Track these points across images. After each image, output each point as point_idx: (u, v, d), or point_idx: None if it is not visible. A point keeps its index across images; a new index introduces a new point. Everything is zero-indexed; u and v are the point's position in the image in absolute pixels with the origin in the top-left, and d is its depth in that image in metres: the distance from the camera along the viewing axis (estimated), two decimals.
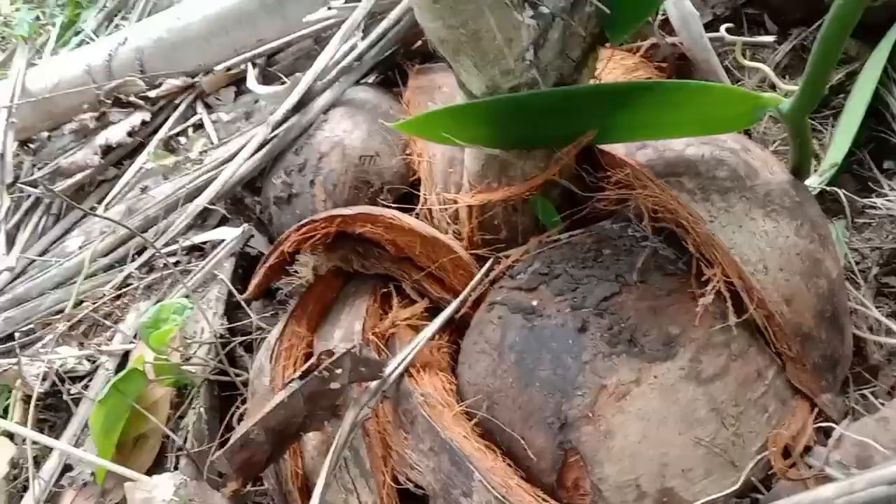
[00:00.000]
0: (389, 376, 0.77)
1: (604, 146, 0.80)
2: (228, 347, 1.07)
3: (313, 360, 0.72)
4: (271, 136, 1.22)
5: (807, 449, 0.68)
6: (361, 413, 0.72)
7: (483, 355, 0.78)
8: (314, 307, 0.97)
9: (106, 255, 1.33)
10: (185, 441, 0.98)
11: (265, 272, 0.96)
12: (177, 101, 1.68)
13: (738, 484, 0.66)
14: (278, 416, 0.70)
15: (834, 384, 0.73)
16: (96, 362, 1.16)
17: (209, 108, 1.64)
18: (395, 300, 0.92)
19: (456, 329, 0.89)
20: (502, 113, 0.75)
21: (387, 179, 1.10)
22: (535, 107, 0.74)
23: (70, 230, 1.54)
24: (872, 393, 0.75)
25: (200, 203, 1.26)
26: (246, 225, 1.23)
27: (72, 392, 1.09)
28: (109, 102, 1.68)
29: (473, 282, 0.87)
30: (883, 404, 0.72)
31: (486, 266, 0.88)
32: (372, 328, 0.87)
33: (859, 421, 0.68)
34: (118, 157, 1.65)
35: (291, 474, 0.82)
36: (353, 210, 0.90)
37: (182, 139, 1.59)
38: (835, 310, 0.73)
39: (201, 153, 1.48)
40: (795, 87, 0.69)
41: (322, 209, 1.08)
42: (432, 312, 0.89)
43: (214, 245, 1.24)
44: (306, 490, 0.82)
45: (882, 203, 0.93)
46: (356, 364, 0.72)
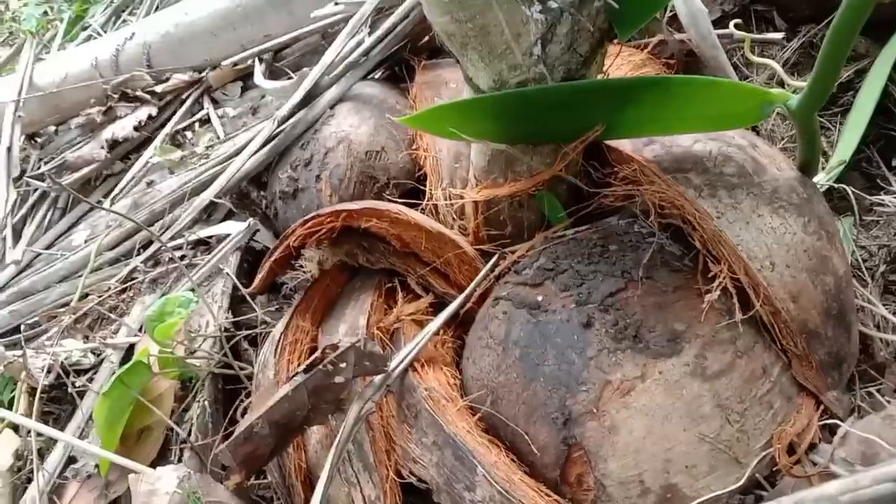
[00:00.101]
0: (394, 371, 0.76)
1: (611, 142, 0.80)
2: (233, 341, 1.07)
3: (318, 354, 0.71)
4: (277, 131, 1.22)
5: (812, 446, 0.68)
6: (365, 407, 0.72)
7: (488, 350, 0.77)
8: (319, 302, 0.97)
9: (112, 249, 1.34)
10: (189, 434, 0.98)
11: (270, 266, 0.96)
12: (183, 96, 1.69)
13: (743, 480, 0.65)
14: (282, 410, 0.70)
15: (840, 381, 0.72)
16: (101, 355, 1.17)
17: (216, 103, 1.64)
18: (400, 295, 0.92)
19: (461, 324, 0.89)
20: (509, 108, 0.75)
21: (393, 175, 1.10)
22: (543, 102, 0.74)
23: (76, 224, 1.55)
24: (878, 390, 0.75)
25: (206, 197, 1.26)
26: (251, 219, 1.23)
27: (76, 385, 1.10)
28: (116, 97, 1.68)
29: (478, 277, 0.87)
30: (889, 402, 0.72)
31: (492, 261, 0.87)
32: (377, 323, 0.87)
33: (865, 418, 0.68)
34: (125, 152, 1.66)
35: (295, 468, 0.82)
36: (359, 205, 0.89)
37: (188, 134, 1.60)
38: (841, 307, 0.72)
39: (207, 148, 1.49)
40: (804, 84, 0.69)
41: (328, 204, 1.08)
42: (437, 307, 0.89)
43: (220, 239, 1.25)
44: (309, 484, 0.82)
45: (890, 201, 0.93)
46: (360, 358, 0.72)
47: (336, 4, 1.36)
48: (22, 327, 1.31)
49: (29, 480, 1.04)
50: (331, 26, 1.45)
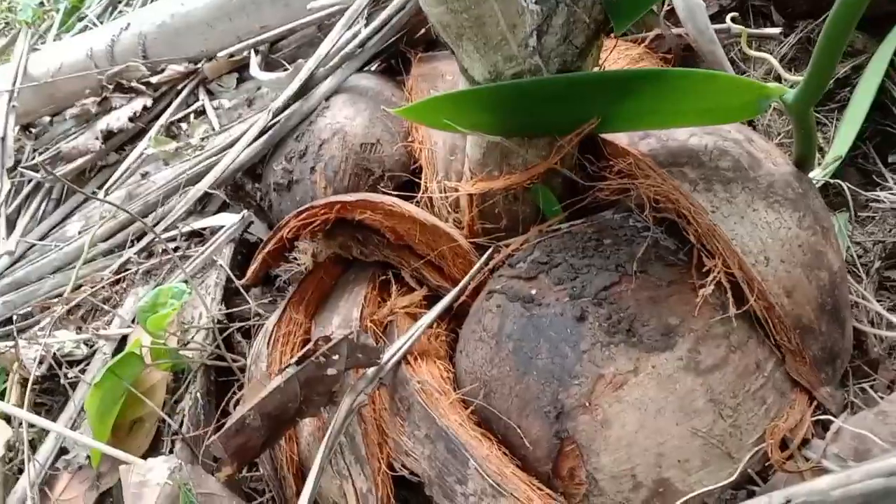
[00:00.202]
0: (387, 363, 0.76)
1: (606, 135, 0.80)
2: (226, 333, 1.06)
3: (310, 346, 0.71)
4: (272, 123, 1.21)
5: (805, 441, 0.68)
6: (358, 399, 0.72)
7: (481, 343, 0.77)
8: (313, 294, 0.96)
9: (105, 240, 1.33)
10: (181, 425, 0.97)
11: (264, 258, 0.96)
12: (179, 87, 1.67)
13: (735, 475, 0.65)
14: (274, 402, 0.69)
15: (833, 377, 0.72)
16: (94, 346, 1.16)
17: (211, 95, 1.63)
18: (394, 288, 0.91)
19: (454, 317, 0.89)
20: (504, 100, 0.74)
21: (388, 167, 1.09)
22: (538, 94, 0.73)
23: (70, 215, 1.54)
24: (872, 387, 0.75)
25: (201, 189, 1.26)
26: (246, 211, 1.22)
27: (69, 376, 1.09)
28: (111, 88, 1.67)
29: (473, 270, 0.86)
30: (882, 398, 0.71)
31: (486, 255, 0.87)
32: (370, 315, 0.87)
33: (858, 414, 0.68)
34: (119, 143, 1.64)
35: (287, 460, 0.82)
36: (353, 197, 0.89)
37: (183, 125, 1.59)
38: (836, 302, 0.72)
39: (202, 139, 1.48)
40: (801, 79, 0.69)
41: (322, 196, 1.08)
42: (431, 300, 0.89)
43: (214, 231, 1.24)
44: (301, 476, 0.82)
45: (886, 197, 0.93)
46: (353, 350, 0.72)
47: None
48: (14, 318, 1.30)
49: (20, 471, 1.03)
50: (327, 18, 1.44)
